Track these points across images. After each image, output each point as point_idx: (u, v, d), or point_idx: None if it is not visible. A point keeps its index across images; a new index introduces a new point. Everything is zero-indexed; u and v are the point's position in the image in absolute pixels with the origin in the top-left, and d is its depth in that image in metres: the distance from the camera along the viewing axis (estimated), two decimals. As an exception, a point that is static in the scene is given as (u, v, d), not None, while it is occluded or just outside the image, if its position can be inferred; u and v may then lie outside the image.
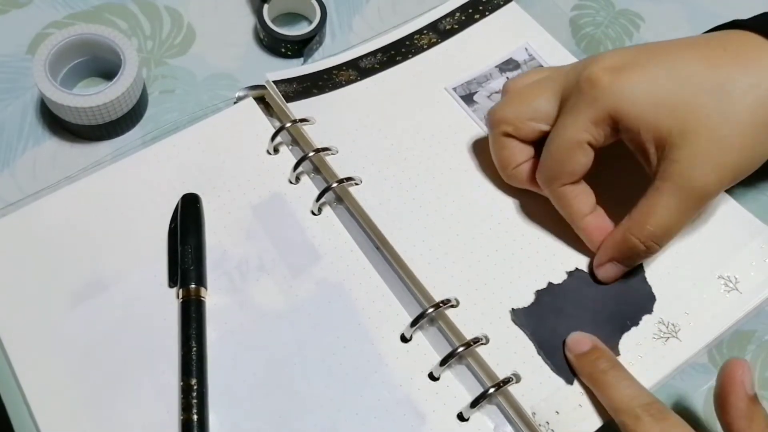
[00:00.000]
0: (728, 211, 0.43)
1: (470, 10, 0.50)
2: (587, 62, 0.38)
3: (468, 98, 0.47)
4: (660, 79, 0.36)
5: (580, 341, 0.37)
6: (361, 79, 0.47)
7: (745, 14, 0.54)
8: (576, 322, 0.39)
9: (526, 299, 0.39)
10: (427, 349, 0.38)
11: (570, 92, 0.38)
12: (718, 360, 0.40)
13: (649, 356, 0.38)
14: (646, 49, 0.38)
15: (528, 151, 0.41)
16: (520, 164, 0.41)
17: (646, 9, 0.54)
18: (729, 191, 0.43)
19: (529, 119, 0.40)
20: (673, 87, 0.36)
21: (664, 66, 0.37)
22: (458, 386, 0.38)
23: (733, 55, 0.37)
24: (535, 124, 0.40)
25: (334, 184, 0.41)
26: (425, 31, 0.49)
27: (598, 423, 0.36)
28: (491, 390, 0.36)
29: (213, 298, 0.39)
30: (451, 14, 0.50)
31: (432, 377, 0.38)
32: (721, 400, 0.33)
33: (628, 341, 0.38)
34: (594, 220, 0.40)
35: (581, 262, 0.41)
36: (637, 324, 0.39)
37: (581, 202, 0.39)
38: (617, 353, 0.38)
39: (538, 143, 0.40)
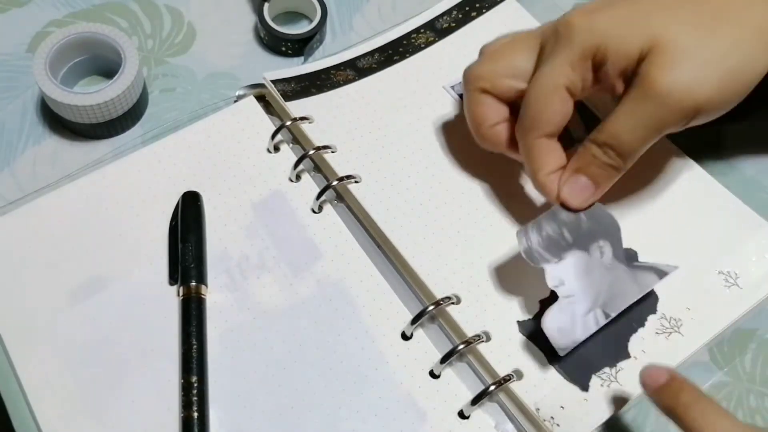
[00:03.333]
0: (728, 206, 0.43)
1: (467, 8, 0.50)
2: (562, 15, 0.37)
3: (468, 96, 0.46)
4: (634, 9, 0.36)
5: (655, 374, 0.34)
6: (358, 79, 0.47)
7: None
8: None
9: (531, 309, 0.39)
10: (427, 346, 0.38)
11: (547, 43, 0.37)
12: (719, 358, 0.40)
13: (652, 352, 0.38)
14: None
15: (504, 111, 0.39)
16: (495, 124, 0.39)
17: (646, 8, 0.54)
18: (728, 186, 0.44)
19: (506, 76, 0.38)
20: (648, 7, 0.35)
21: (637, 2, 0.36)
22: (459, 384, 0.37)
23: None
24: (511, 81, 0.38)
25: (335, 182, 0.41)
26: (422, 30, 0.49)
27: (605, 416, 0.36)
28: (492, 387, 0.36)
29: (213, 295, 0.39)
30: (448, 12, 0.50)
31: (433, 375, 0.38)
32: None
33: (635, 340, 0.38)
34: (557, 179, 0.37)
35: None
36: (643, 325, 0.39)
37: (550, 158, 0.37)
38: (627, 356, 0.38)
39: (515, 107, 0.39)
